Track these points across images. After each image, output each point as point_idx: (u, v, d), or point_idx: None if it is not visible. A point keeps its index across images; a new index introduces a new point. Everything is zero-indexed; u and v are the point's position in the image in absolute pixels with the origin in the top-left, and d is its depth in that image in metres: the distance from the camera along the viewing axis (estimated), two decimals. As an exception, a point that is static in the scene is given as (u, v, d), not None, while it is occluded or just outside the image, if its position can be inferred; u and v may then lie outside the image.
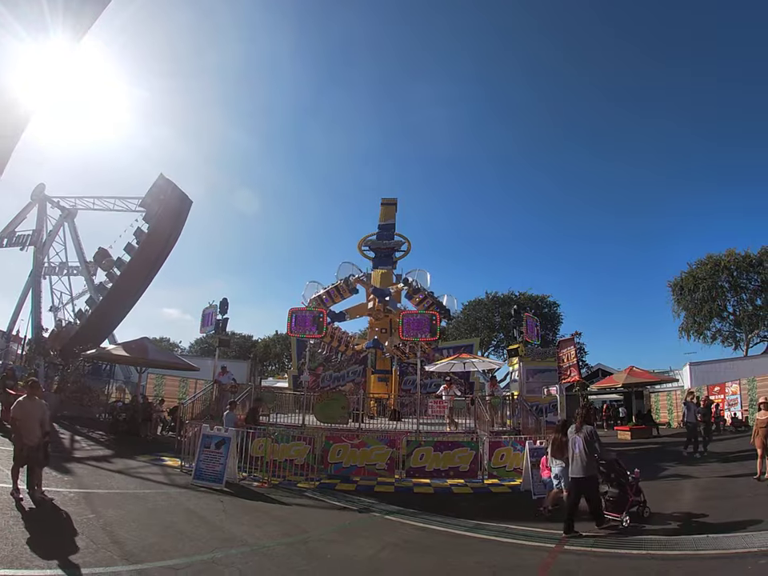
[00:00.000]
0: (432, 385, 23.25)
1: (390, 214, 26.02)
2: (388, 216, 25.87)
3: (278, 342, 58.17)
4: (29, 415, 7.93)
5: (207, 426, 11.38)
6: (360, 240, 25.64)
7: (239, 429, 11.75)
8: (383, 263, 24.76)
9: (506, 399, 16.52)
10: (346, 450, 12.20)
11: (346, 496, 10.20)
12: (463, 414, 15.91)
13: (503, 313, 44.73)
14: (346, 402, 15.11)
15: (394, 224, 25.79)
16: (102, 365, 22.66)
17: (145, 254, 24.32)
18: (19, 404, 8.01)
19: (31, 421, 7.91)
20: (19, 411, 7.92)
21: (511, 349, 17.80)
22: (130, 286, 24.72)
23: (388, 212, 26.05)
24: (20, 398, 8.15)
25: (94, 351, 19.51)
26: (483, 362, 20.19)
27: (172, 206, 24.57)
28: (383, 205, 26.26)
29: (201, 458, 10.69)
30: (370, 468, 12.04)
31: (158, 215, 24.23)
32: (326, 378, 24.70)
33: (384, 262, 24.83)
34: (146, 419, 18.01)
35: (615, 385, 25.24)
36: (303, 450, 11.90)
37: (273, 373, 54.84)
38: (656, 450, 17.76)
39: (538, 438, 11.53)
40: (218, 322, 18.08)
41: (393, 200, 26.68)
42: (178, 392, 25.81)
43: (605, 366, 34.31)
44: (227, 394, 16.05)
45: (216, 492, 9.89)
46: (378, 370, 22.91)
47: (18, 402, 8.06)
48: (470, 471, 12.01)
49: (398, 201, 26.62)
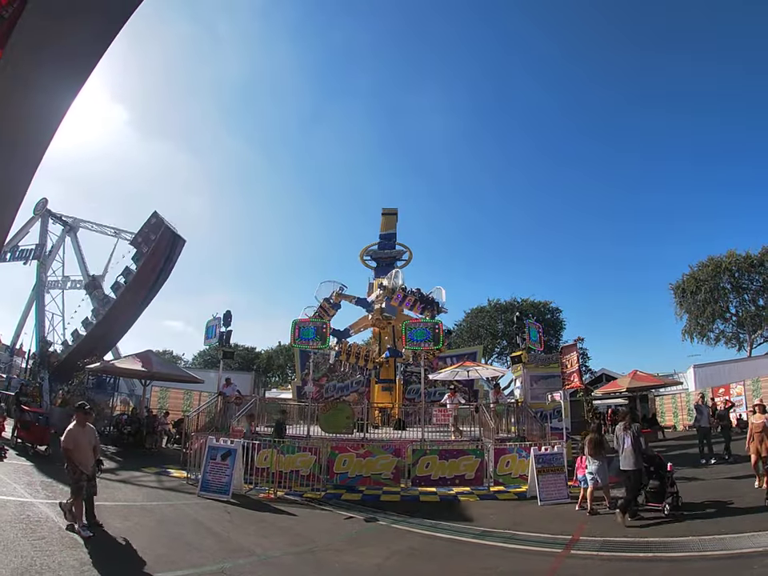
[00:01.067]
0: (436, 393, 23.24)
1: (391, 224, 26.24)
2: (389, 226, 26.09)
3: (281, 353, 58.19)
4: (82, 444, 7.48)
5: (213, 437, 11.44)
6: (362, 250, 25.98)
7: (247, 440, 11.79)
8: (384, 272, 24.90)
9: (510, 406, 16.53)
10: (352, 460, 12.21)
11: (353, 506, 10.24)
12: (468, 421, 15.93)
13: (506, 320, 44.74)
14: (350, 411, 15.15)
15: (395, 233, 26.08)
16: (107, 378, 22.72)
17: (131, 293, 24.81)
18: (70, 433, 7.46)
19: (84, 449, 7.50)
20: (72, 441, 7.40)
21: (514, 356, 17.78)
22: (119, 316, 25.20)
23: (389, 222, 26.28)
24: (70, 427, 7.54)
25: (98, 365, 19.58)
26: (487, 370, 20.16)
27: (162, 248, 24.96)
28: (384, 215, 26.56)
29: (207, 469, 10.74)
30: (375, 478, 12.05)
31: (146, 257, 24.66)
32: (329, 389, 24.74)
33: (385, 271, 24.99)
34: (151, 432, 18.06)
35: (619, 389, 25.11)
36: (309, 460, 11.95)
37: (276, 384, 54.81)
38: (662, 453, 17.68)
39: (542, 445, 11.55)
40: (221, 334, 18.11)
41: (393, 210, 26.96)
42: (183, 404, 25.84)
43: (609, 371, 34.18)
44: (232, 405, 16.11)
45: (223, 503, 9.94)
46: (382, 379, 22.96)
47: (69, 430, 7.48)
48: (476, 479, 12.01)
49: (398, 211, 26.92)
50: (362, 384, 24.40)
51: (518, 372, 18.72)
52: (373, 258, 25.81)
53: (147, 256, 24.55)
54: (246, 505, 10.01)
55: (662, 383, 25.50)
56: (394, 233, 26.06)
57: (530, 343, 17.00)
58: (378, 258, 25.63)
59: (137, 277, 24.61)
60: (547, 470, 10.78)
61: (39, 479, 10.54)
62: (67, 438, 7.43)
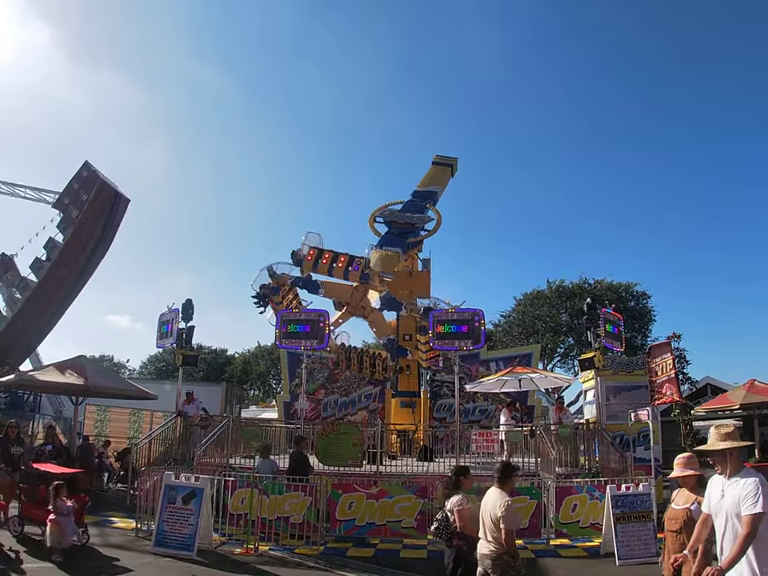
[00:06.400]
0: (476, 411, 23.37)
1: (440, 179, 25.93)
2: (435, 180, 25.75)
3: (262, 357, 58.64)
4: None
5: (171, 473, 11.59)
6: (376, 209, 24.85)
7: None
8: (392, 243, 23.64)
9: (578, 428, 16.54)
10: (361, 503, 12.31)
11: (362, 565, 10.36)
12: (519, 449, 15.98)
13: (572, 309, 44.54)
14: (359, 436, 15.26)
15: (439, 192, 25.71)
16: (24, 395, 23.02)
17: (57, 273, 24.71)
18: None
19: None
20: None
21: (584, 359, 17.71)
22: (45, 305, 25.19)
23: (438, 175, 25.96)
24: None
25: (12, 377, 19.80)
26: (546, 378, 20.16)
27: (98, 210, 24.83)
28: (435, 164, 26.16)
29: (163, 517, 10.88)
30: (393, 526, 12.16)
31: (77, 225, 24.56)
32: (329, 405, 24.96)
33: (393, 241, 23.77)
34: (89, 466, 18.33)
35: (731, 406, 24.92)
36: (302, 503, 12.05)
37: (256, 399, 55.33)
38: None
39: (623, 482, 11.57)
40: (180, 332, 18.26)
41: (450, 160, 26.46)
42: (129, 429, 26.19)
43: (715, 381, 33.96)
44: (196, 429, 16.30)
45: (186, 562, 10.09)
46: (401, 392, 23.04)
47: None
48: (531, 528, 12.05)
49: (456, 162, 26.57)
50: (373, 398, 24.57)
51: (590, 381, 18.71)
52: (387, 221, 24.70)
53: (78, 222, 24.64)
54: (215, 564, 10.16)
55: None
56: (438, 191, 25.67)
57: (606, 341, 16.97)
58: (392, 222, 24.45)
59: (65, 250, 24.59)
60: (629, 516, 10.79)
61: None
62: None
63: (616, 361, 18.86)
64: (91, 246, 25.22)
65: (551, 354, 46.29)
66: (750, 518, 4.09)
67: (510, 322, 48.14)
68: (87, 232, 24.84)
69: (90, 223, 24.78)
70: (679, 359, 39.69)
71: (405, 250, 23.82)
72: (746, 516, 4.11)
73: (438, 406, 24.22)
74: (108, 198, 25.19)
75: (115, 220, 25.72)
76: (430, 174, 25.90)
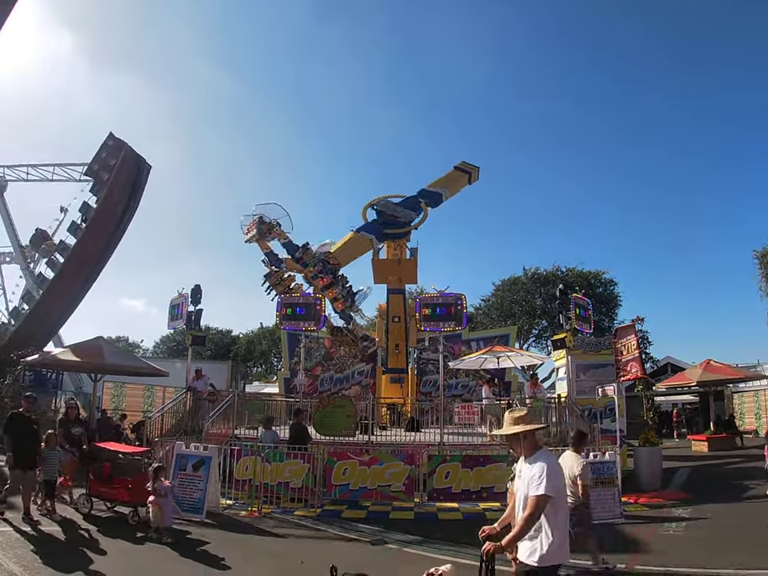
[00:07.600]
0: (458, 386, 23.45)
1: (454, 184, 24.98)
2: (447, 184, 24.72)
3: (264, 337, 58.59)
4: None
5: (182, 443, 11.64)
6: (374, 199, 24.38)
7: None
8: (369, 230, 23.47)
9: (550, 402, 16.65)
10: (354, 469, 12.41)
11: (355, 525, 10.45)
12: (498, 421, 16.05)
13: (546, 294, 44.67)
14: (352, 409, 15.31)
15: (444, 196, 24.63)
16: (47, 373, 22.95)
17: (94, 234, 24.60)
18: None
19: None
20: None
21: (557, 339, 17.79)
22: (77, 275, 25.04)
23: (453, 180, 25.00)
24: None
25: (37, 357, 19.74)
26: (522, 357, 20.27)
27: (126, 173, 24.84)
28: (455, 168, 25.15)
29: (175, 483, 10.92)
30: (383, 490, 12.26)
31: (109, 185, 24.51)
32: (325, 381, 25.01)
33: (371, 228, 23.54)
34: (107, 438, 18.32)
35: (688, 383, 25.21)
36: (300, 470, 12.15)
37: (259, 375, 55.35)
38: (740, 464, 17.86)
39: (591, 450, 11.65)
40: (189, 314, 18.22)
41: (471, 167, 25.28)
42: (143, 403, 26.18)
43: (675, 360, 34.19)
44: (204, 403, 16.32)
45: (195, 524, 10.16)
46: (391, 368, 23.09)
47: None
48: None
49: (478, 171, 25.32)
50: (365, 375, 24.64)
51: (561, 359, 18.79)
52: (378, 209, 23.88)
53: (110, 183, 24.61)
54: (224, 526, 10.24)
55: (743, 376, 25.49)
56: (444, 193, 24.38)
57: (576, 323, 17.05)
58: (381, 212, 23.69)
59: (100, 208, 24.49)
60: (596, 482, 10.85)
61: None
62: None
63: (585, 341, 18.90)
64: (123, 204, 25.30)
65: (527, 335, 46.41)
66: (532, 498, 4.06)
67: (490, 305, 48.16)
68: (118, 191, 24.98)
69: (120, 184, 24.89)
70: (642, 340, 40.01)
71: (380, 239, 23.71)
72: (531, 497, 4.09)
73: (425, 381, 24.31)
74: (133, 161, 25.29)
75: (140, 186, 25.81)
76: (445, 176, 25.05)
